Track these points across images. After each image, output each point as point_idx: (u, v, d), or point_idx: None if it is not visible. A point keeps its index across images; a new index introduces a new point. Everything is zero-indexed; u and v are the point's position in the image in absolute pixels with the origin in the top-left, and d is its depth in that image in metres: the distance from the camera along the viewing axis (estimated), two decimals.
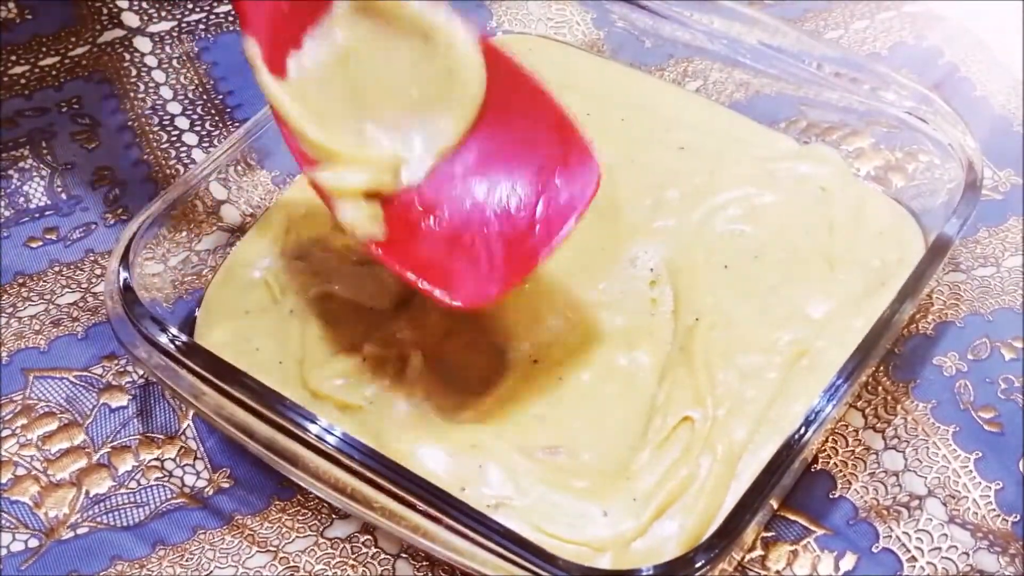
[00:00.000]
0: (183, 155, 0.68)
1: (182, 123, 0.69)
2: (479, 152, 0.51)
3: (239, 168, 0.61)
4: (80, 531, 0.55)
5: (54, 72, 0.72)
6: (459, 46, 0.51)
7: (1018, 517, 0.54)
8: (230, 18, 0.74)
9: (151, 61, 0.72)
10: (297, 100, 0.51)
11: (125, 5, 0.74)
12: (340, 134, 0.51)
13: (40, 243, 0.64)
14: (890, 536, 0.54)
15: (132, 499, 0.56)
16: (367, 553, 0.54)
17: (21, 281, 0.63)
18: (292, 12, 0.51)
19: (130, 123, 0.69)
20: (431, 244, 0.50)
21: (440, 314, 0.55)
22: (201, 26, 0.74)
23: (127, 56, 0.72)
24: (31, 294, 0.62)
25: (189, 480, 0.56)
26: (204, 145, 0.68)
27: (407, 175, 0.51)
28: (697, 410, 0.53)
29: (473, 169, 0.51)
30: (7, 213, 0.66)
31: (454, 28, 0.51)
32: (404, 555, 0.54)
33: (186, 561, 0.54)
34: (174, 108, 0.70)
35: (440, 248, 0.50)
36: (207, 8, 0.75)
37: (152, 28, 0.74)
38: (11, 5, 0.75)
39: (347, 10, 0.52)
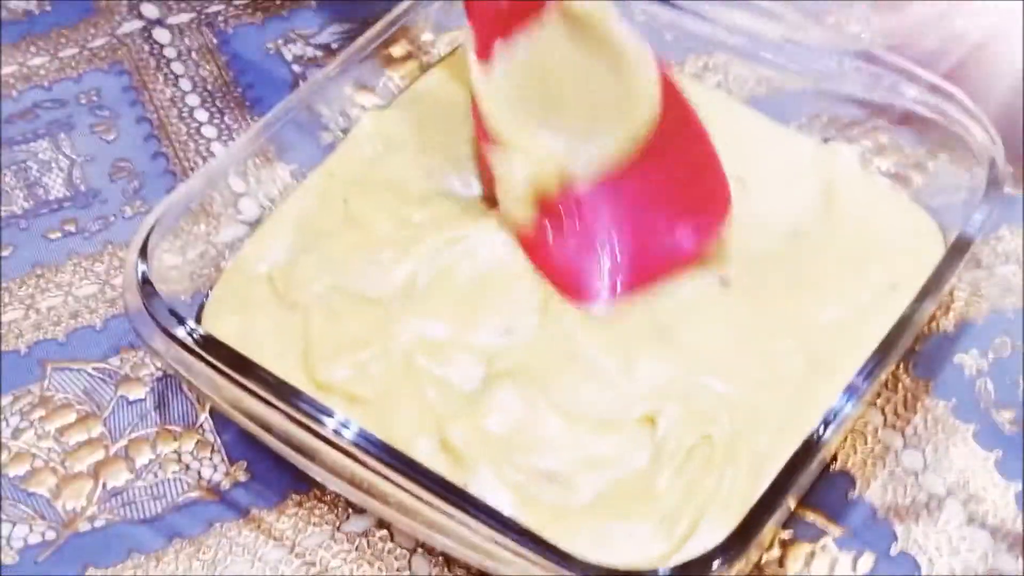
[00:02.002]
0: (202, 148, 0.68)
1: (201, 116, 0.69)
2: (632, 180, 0.55)
3: (257, 161, 0.61)
4: (97, 524, 0.55)
5: (73, 63, 0.72)
6: (643, 73, 0.54)
7: None
8: (249, 10, 0.74)
9: (170, 53, 0.72)
10: (493, 84, 0.55)
11: None
12: (521, 126, 0.54)
13: (59, 235, 0.64)
14: (908, 537, 0.54)
15: (149, 492, 0.56)
16: (383, 548, 0.54)
17: (40, 272, 0.63)
18: (510, 11, 0.56)
19: (149, 115, 0.69)
20: (565, 249, 0.54)
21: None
22: (220, 18, 0.74)
23: (146, 48, 0.72)
24: (49, 285, 0.63)
25: (206, 473, 0.56)
26: (223, 138, 0.68)
27: (566, 184, 0.54)
28: (713, 426, 0.53)
29: (622, 194, 0.55)
30: (26, 205, 0.66)
31: (643, 55, 0.54)
32: (420, 550, 0.54)
33: (202, 554, 0.54)
34: (193, 100, 0.70)
35: (571, 253, 0.54)
36: (226, 0, 0.75)
37: (172, 20, 0.74)
38: None
39: (556, 15, 0.55)
